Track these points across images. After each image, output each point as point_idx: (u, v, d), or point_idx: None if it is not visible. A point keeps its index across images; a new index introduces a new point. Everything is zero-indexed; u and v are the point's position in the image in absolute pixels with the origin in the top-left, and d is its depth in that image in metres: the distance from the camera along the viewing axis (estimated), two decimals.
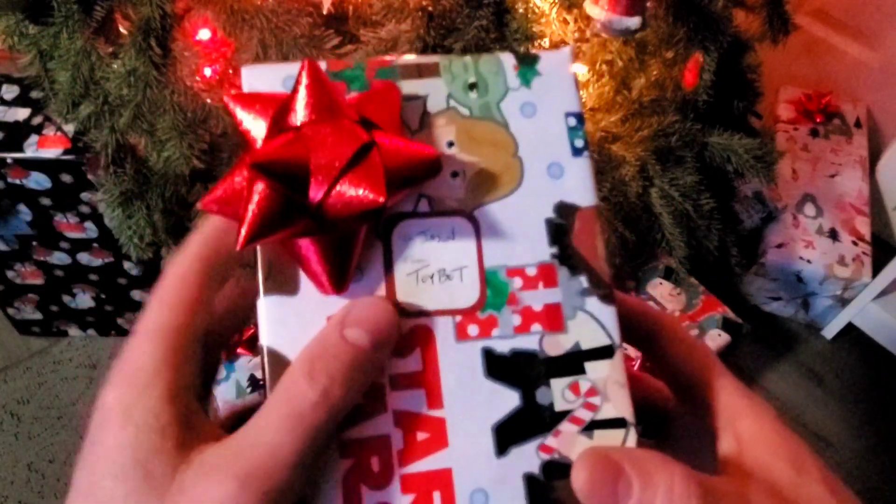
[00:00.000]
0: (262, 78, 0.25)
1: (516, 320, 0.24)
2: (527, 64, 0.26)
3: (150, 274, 1.28)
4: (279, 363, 0.23)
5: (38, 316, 1.39)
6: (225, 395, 1.20)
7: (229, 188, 0.23)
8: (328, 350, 0.22)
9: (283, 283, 0.24)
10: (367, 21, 0.74)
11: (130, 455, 0.21)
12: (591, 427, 0.24)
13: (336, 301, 0.23)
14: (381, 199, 0.21)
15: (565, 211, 0.25)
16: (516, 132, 0.25)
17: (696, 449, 0.26)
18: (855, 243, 1.44)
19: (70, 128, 1.12)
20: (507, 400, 0.23)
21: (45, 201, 1.16)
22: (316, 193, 0.22)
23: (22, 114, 1.15)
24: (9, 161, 1.11)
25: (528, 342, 0.24)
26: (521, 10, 0.72)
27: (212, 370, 0.26)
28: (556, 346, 0.24)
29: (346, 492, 0.22)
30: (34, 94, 1.16)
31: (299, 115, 0.22)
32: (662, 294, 1.29)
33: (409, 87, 0.25)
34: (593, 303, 0.24)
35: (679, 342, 0.27)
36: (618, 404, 0.24)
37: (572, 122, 0.26)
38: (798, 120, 1.63)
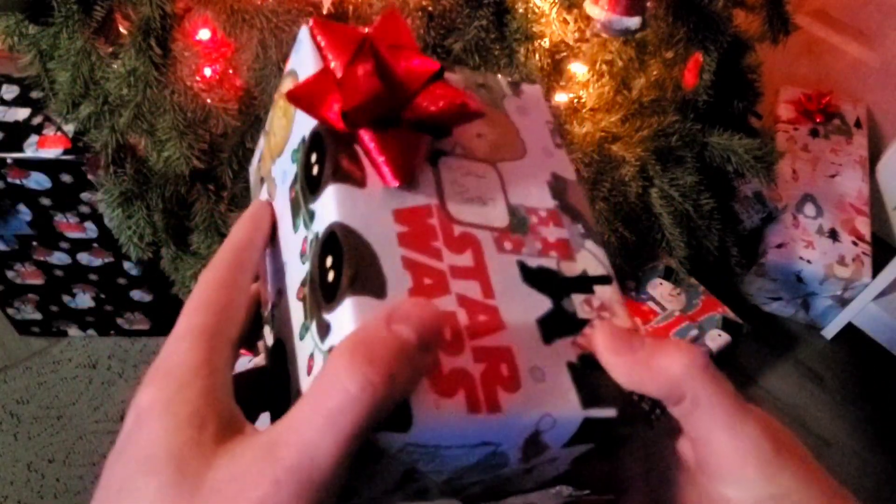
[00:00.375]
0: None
1: (539, 245, 0.29)
2: (514, 84, 0.34)
3: (150, 274, 1.28)
4: (352, 237, 0.25)
5: (37, 316, 1.39)
6: None
7: (313, 83, 0.27)
8: (373, 341, 0.21)
9: (351, 177, 0.26)
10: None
11: (165, 448, 0.20)
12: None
13: (401, 195, 0.27)
14: (469, 104, 0.27)
15: (559, 179, 0.31)
16: (517, 122, 0.32)
17: None
18: (855, 243, 1.44)
19: (70, 128, 1.12)
20: (542, 302, 0.27)
21: (45, 201, 1.16)
22: (399, 100, 0.27)
23: (22, 114, 1.15)
24: (9, 161, 1.11)
25: (549, 263, 0.29)
26: (521, 10, 0.72)
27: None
28: (571, 269, 0.29)
29: None
30: (34, 94, 1.16)
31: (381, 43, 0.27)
32: (662, 294, 1.29)
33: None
34: (590, 244, 0.30)
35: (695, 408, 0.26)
36: (622, 318, 0.29)
37: (550, 126, 0.33)
38: (798, 120, 1.63)
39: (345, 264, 0.24)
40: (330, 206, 0.25)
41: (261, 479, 0.19)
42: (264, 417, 0.27)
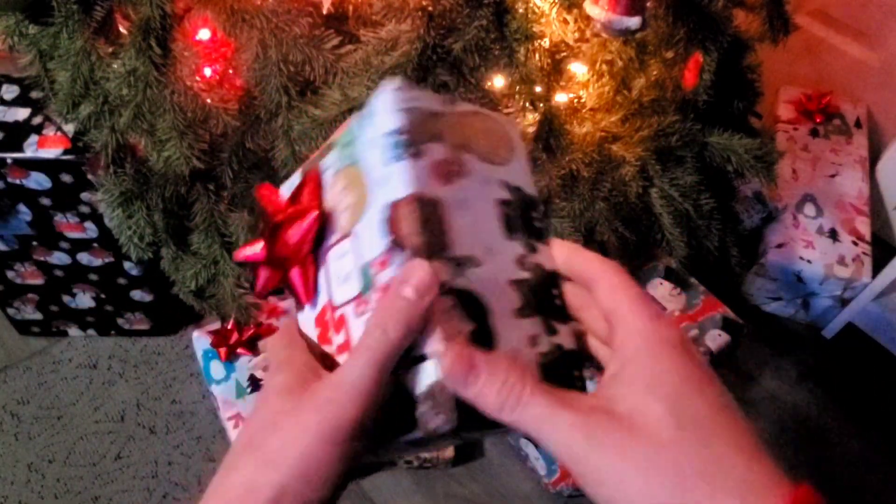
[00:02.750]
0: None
1: (378, 295, 0.34)
2: (364, 112, 0.36)
3: (151, 274, 1.28)
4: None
5: (38, 316, 1.39)
6: (225, 394, 1.20)
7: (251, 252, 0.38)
8: (389, 304, 0.31)
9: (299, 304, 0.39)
10: (367, 21, 0.74)
11: (285, 382, 0.33)
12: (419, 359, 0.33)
13: (313, 308, 0.38)
14: (304, 299, 0.39)
15: (390, 208, 0.33)
16: (364, 165, 0.35)
17: None
18: (855, 243, 1.44)
19: (70, 128, 1.12)
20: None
21: (45, 201, 1.16)
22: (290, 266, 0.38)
23: (22, 114, 1.15)
24: (9, 161, 1.11)
25: None
26: (521, 10, 0.72)
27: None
28: None
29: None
30: (34, 94, 1.16)
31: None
32: (662, 294, 1.29)
33: (323, 162, 0.38)
34: (414, 261, 0.34)
35: (604, 282, 0.34)
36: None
37: (391, 139, 0.34)
38: (798, 120, 1.63)
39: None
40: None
41: (323, 392, 0.32)
42: None
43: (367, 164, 0.35)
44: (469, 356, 0.30)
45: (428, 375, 0.31)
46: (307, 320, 0.38)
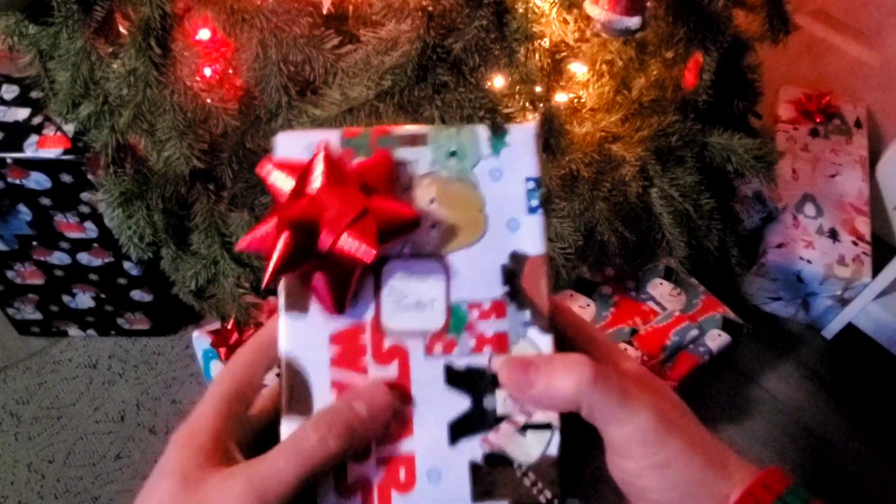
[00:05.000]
0: (291, 143, 0.32)
1: (472, 343, 0.31)
2: (498, 136, 0.32)
3: (151, 274, 1.28)
4: (292, 366, 0.31)
5: (37, 316, 1.39)
6: None
7: (260, 233, 0.30)
8: (335, 412, 0.29)
9: (298, 306, 0.31)
10: (367, 21, 0.74)
11: (179, 465, 0.29)
12: (524, 428, 0.31)
13: (337, 319, 0.31)
14: (373, 253, 0.28)
15: (518, 258, 0.31)
16: (485, 192, 0.32)
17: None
18: (855, 243, 1.44)
19: (70, 128, 1.12)
20: (460, 403, 0.31)
21: (45, 201, 1.16)
22: (325, 243, 0.29)
23: (22, 114, 1.15)
24: (9, 161, 1.11)
25: (480, 360, 0.31)
26: (521, 10, 0.72)
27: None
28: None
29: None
30: (34, 94, 1.16)
31: (315, 182, 0.30)
32: (662, 294, 1.29)
33: (402, 153, 0.32)
34: (534, 332, 0.31)
35: (594, 347, 0.33)
36: (547, 412, 0.31)
37: (531, 185, 0.32)
38: (798, 120, 1.63)
39: (282, 392, 0.31)
40: (282, 336, 0.31)
41: (238, 487, 0.28)
42: None
43: (492, 196, 0.31)
44: (524, 359, 0.30)
45: (541, 444, 0.30)
46: (314, 331, 0.31)
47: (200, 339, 1.24)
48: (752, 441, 1.35)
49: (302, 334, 0.31)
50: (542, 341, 0.31)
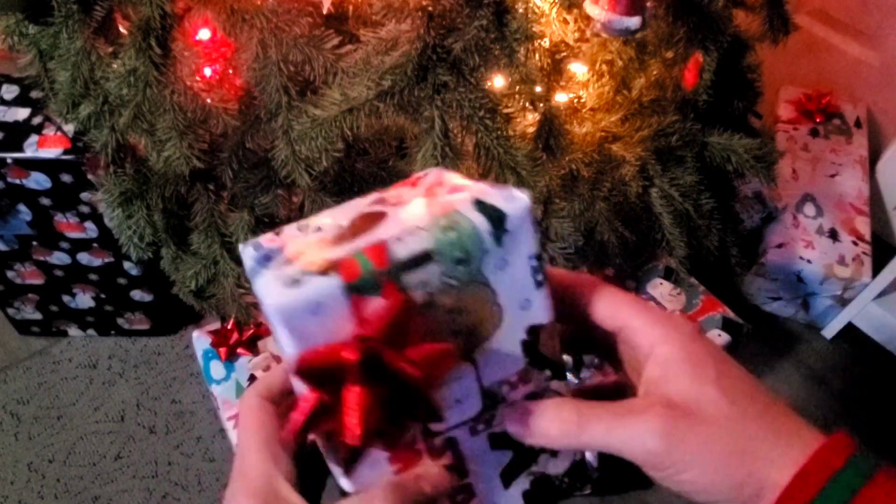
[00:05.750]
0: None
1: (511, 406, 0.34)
2: (497, 226, 0.31)
3: (150, 274, 1.28)
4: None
5: (37, 316, 1.39)
6: (225, 394, 1.20)
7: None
8: (402, 484, 0.32)
9: (354, 467, 0.32)
10: (367, 21, 0.74)
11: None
12: (555, 453, 0.36)
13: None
14: (447, 360, 0.30)
15: (534, 331, 0.33)
16: (495, 286, 0.32)
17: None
18: (855, 243, 1.44)
19: (70, 128, 1.12)
20: (505, 455, 0.35)
21: (45, 201, 1.16)
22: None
23: (22, 114, 1.15)
24: (9, 161, 1.11)
25: None
26: (521, 10, 0.72)
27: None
28: None
29: None
30: (34, 94, 1.17)
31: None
32: (662, 294, 1.29)
33: (410, 279, 0.30)
34: (555, 384, 0.35)
35: (599, 299, 0.34)
36: None
37: (534, 262, 0.32)
38: (798, 120, 1.63)
39: None
40: (341, 479, 0.32)
41: None
42: None
43: (503, 286, 0.32)
44: (523, 406, 0.33)
45: (569, 457, 0.37)
46: (376, 471, 0.32)
47: (200, 339, 1.24)
48: None
49: (367, 478, 0.32)
50: (562, 387, 0.35)
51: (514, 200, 0.31)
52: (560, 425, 0.32)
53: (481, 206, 0.31)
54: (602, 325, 0.34)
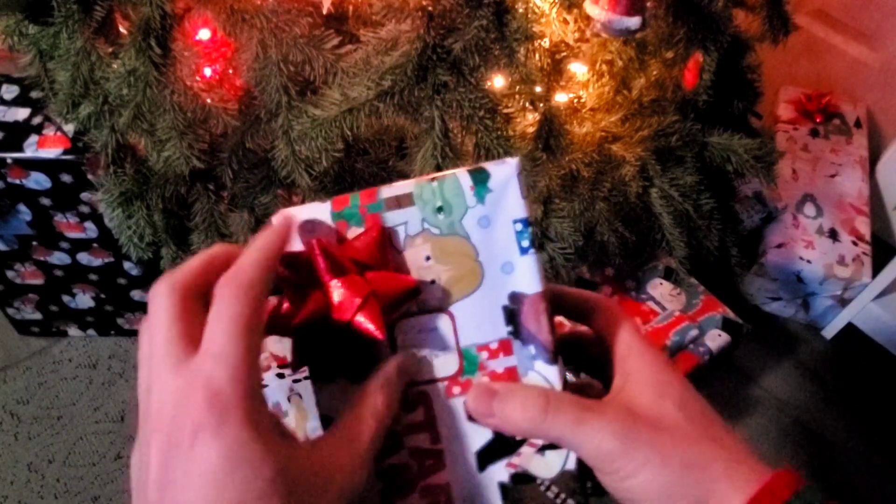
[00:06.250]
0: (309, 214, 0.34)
1: (486, 379, 0.33)
2: (480, 182, 0.33)
3: (150, 274, 1.28)
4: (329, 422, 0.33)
5: (37, 316, 1.39)
6: None
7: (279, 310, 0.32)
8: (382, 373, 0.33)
9: (324, 377, 0.34)
10: (367, 21, 0.74)
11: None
12: (543, 449, 0.34)
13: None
14: (382, 335, 0.31)
15: (516, 299, 0.33)
16: (476, 242, 0.33)
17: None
18: (855, 243, 1.44)
19: (70, 128, 1.12)
20: (483, 434, 0.34)
21: (45, 201, 1.16)
22: (341, 319, 0.32)
23: (22, 114, 1.15)
24: (9, 161, 1.11)
25: None
26: (521, 10, 0.72)
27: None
28: None
29: (384, 501, 0.33)
30: (34, 94, 1.16)
31: (323, 275, 0.32)
32: (662, 294, 1.29)
33: (392, 217, 0.33)
34: (540, 364, 0.33)
35: (602, 312, 0.36)
36: None
37: (519, 227, 0.33)
38: (798, 120, 1.63)
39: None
40: (315, 403, 0.34)
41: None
42: None
43: (484, 244, 0.33)
44: (488, 386, 0.33)
45: (560, 461, 0.33)
46: (345, 395, 0.33)
47: None
48: (751, 441, 1.35)
49: (335, 399, 0.33)
50: (549, 372, 0.33)
51: (503, 164, 0.33)
52: (524, 412, 0.32)
53: (472, 169, 0.33)
54: (597, 331, 0.36)
